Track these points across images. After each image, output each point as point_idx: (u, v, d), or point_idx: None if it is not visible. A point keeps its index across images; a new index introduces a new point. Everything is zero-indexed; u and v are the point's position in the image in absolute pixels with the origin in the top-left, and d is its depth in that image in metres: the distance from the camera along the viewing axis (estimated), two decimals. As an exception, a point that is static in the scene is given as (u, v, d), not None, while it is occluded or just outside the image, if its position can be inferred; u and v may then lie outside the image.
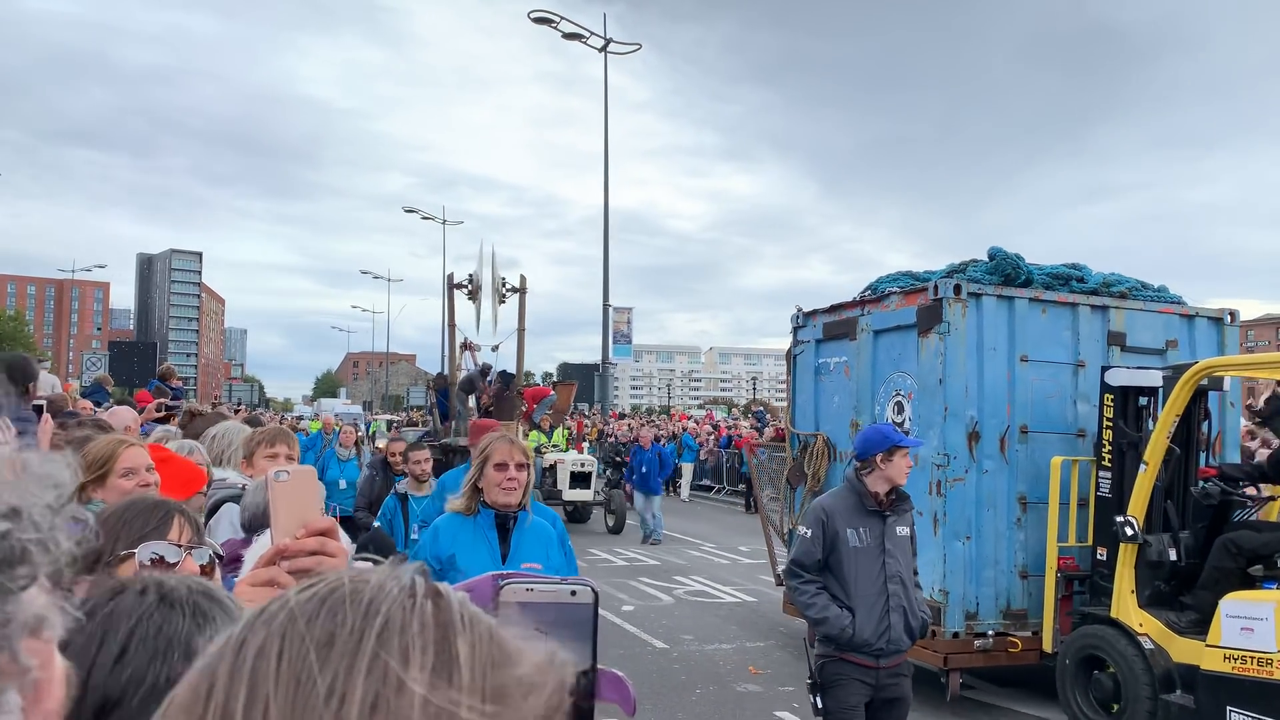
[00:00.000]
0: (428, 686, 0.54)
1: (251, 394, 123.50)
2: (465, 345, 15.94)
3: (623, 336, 46.70)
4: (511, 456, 3.94)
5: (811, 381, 9.29)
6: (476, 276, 15.56)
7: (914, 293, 7.99)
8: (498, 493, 3.92)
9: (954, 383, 7.51)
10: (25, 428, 4.42)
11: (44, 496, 0.65)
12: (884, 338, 8.31)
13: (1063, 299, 7.92)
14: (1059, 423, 7.88)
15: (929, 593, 7.52)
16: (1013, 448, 7.69)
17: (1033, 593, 7.63)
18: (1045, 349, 7.85)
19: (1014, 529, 7.67)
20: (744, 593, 12.33)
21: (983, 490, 7.58)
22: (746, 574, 13.82)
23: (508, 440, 4.02)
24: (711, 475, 27.64)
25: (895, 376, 8.14)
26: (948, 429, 7.49)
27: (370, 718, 0.52)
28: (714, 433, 30.03)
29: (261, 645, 0.56)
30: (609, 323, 27.90)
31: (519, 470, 3.95)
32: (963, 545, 7.45)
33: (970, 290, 7.59)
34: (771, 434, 25.19)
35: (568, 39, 26.51)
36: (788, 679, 8.45)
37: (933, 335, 7.63)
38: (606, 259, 26.62)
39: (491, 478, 3.92)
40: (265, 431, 4.51)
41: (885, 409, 8.22)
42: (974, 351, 7.62)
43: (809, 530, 5.10)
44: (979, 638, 7.42)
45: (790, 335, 9.63)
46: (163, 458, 3.52)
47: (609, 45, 26.80)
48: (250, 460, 4.23)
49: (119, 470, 3.14)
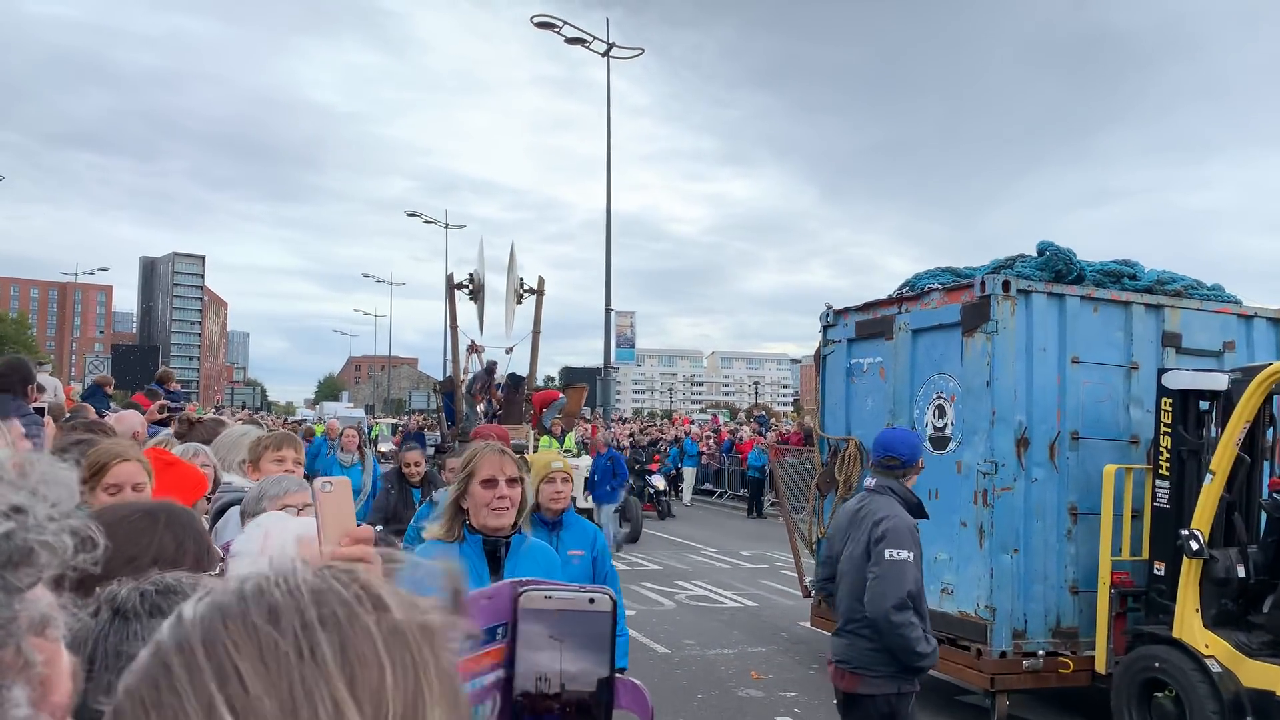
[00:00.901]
0: (381, 616, 0.61)
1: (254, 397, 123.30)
2: (472, 348, 15.49)
3: (625, 340, 46.41)
4: (501, 470, 3.31)
5: (843, 383, 8.83)
6: (477, 276, 15.12)
7: (957, 289, 7.54)
8: (486, 514, 3.29)
9: (1002, 385, 7.05)
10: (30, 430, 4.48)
11: (49, 499, 0.68)
12: (924, 337, 7.85)
13: (1115, 297, 7.47)
14: (1111, 428, 7.42)
15: (974, 609, 7.08)
16: (1063, 455, 7.23)
17: (1084, 609, 7.16)
18: (1097, 350, 7.39)
19: (1064, 541, 7.21)
20: (746, 598, 12.21)
21: (1031, 500, 7.12)
22: (748, 579, 13.70)
23: (496, 451, 3.42)
24: (713, 480, 27.53)
25: (936, 378, 7.68)
26: (996, 434, 7.03)
27: (343, 657, 0.58)
28: (715, 436, 29.87)
29: (206, 633, 0.59)
30: (611, 326, 27.58)
31: (510, 486, 3.32)
32: (1010, 559, 6.99)
33: (1019, 287, 7.14)
34: (774, 438, 24.98)
35: (571, 44, 26.30)
36: (789, 684, 8.39)
37: (979, 335, 7.17)
38: (609, 263, 26.32)
39: (478, 496, 3.30)
40: (272, 436, 4.51)
41: (925, 412, 7.77)
42: (1023, 352, 7.17)
43: (910, 553, 4.51)
44: (1028, 657, 6.95)
45: (819, 335, 9.16)
46: (167, 462, 3.55)
47: (612, 50, 26.59)
48: (257, 464, 4.22)
49: (105, 484, 3.12)
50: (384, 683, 0.59)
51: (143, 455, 3.42)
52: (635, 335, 52.84)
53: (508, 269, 14.72)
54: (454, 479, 3.40)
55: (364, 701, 0.58)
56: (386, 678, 0.59)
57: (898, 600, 4.36)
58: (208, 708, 0.56)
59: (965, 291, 7.39)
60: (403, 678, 0.60)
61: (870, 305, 8.57)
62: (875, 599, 4.42)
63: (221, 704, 0.56)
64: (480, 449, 3.41)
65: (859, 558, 4.64)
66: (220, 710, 0.56)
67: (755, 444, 24.53)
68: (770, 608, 11.57)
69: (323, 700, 0.57)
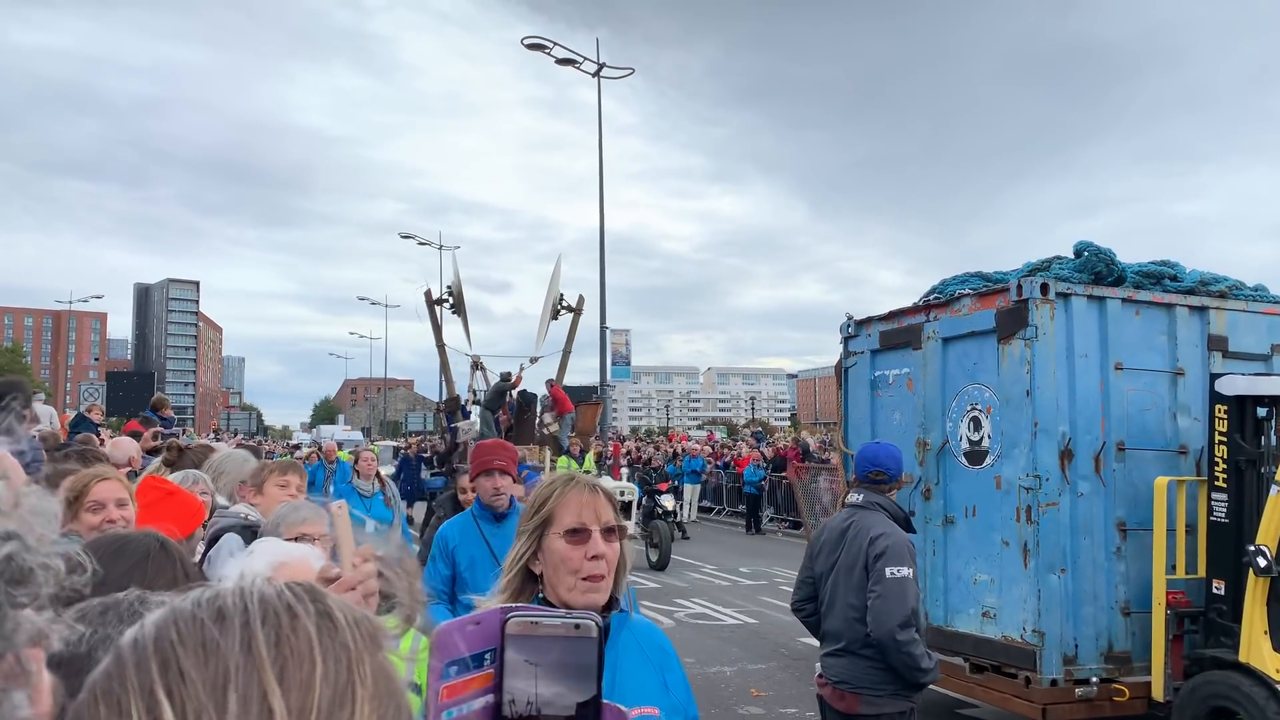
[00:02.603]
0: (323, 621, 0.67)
1: (250, 422, 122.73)
2: (476, 364, 15.06)
3: (621, 358, 46.24)
4: (596, 515, 2.09)
5: (867, 397, 8.41)
6: (455, 289, 14.73)
7: (990, 294, 7.13)
8: (572, 587, 2.05)
9: (1043, 394, 6.63)
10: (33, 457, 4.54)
11: (39, 526, 0.75)
12: (955, 346, 7.43)
13: (1158, 299, 7.06)
14: (1157, 438, 7.00)
15: (1020, 633, 6.64)
16: (1109, 467, 6.80)
17: (1136, 632, 6.72)
18: (1140, 356, 6.98)
19: (1113, 559, 6.77)
20: (745, 615, 12.15)
21: (1078, 516, 6.69)
22: (748, 595, 13.63)
23: (584, 487, 2.16)
24: (712, 496, 27.54)
25: (970, 389, 7.26)
26: (1038, 447, 6.61)
27: (276, 651, 0.64)
28: (712, 453, 30.03)
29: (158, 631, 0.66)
30: (607, 344, 27.42)
31: (608, 540, 2.09)
32: (1058, 579, 6.55)
33: (1058, 290, 6.73)
34: (771, 453, 24.79)
35: (561, 64, 26.25)
36: (789, 701, 8.26)
37: (1016, 341, 6.76)
38: (603, 281, 26.16)
39: (560, 556, 2.06)
40: (277, 463, 4.64)
41: (959, 425, 7.34)
42: (1063, 359, 6.75)
43: (910, 570, 4.39)
44: (1080, 685, 6.50)
45: (841, 347, 8.75)
46: (168, 491, 3.58)
47: (602, 70, 26.55)
48: (260, 489, 4.29)
49: (86, 504, 3.14)
50: (314, 676, 0.64)
51: (120, 475, 3.48)
52: (631, 353, 52.48)
53: (550, 282, 14.33)
54: (523, 525, 2.17)
55: (291, 690, 0.63)
56: (317, 671, 0.65)
57: (903, 618, 4.24)
58: (148, 693, 0.63)
59: (1000, 296, 6.99)
60: (334, 672, 0.65)
61: (895, 314, 8.15)
62: (880, 618, 4.28)
63: (160, 689, 0.62)
64: (559, 484, 2.18)
65: (856, 576, 4.48)
66: (158, 694, 0.62)
67: (752, 460, 24.49)
68: (770, 624, 11.44)
69: (252, 686, 0.62)
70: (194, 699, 0.62)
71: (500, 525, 4.50)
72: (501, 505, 4.53)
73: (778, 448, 26.51)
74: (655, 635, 2.27)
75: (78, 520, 3.09)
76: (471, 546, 4.44)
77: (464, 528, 4.56)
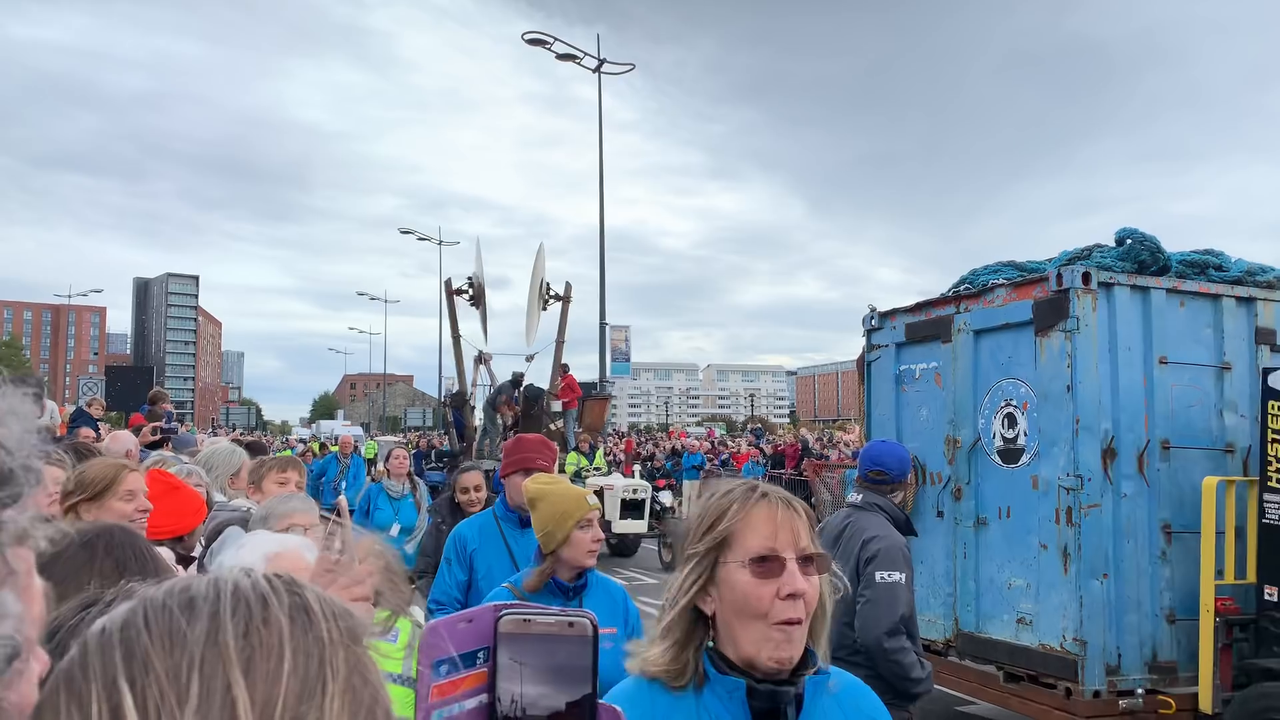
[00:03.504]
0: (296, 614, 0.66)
1: (249, 417, 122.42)
2: (480, 358, 14.65)
3: (621, 354, 46.15)
4: (794, 538, 1.61)
5: (891, 392, 8.05)
6: (476, 280, 14.31)
7: (1027, 284, 6.77)
8: (761, 637, 1.60)
9: (1085, 390, 6.28)
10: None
11: (17, 427, 0.73)
12: (988, 338, 7.07)
13: (1204, 290, 6.70)
14: (1203, 436, 6.64)
15: (1059, 642, 6.30)
16: (1153, 467, 6.45)
17: (1182, 640, 6.37)
18: (1184, 349, 6.62)
19: (1157, 564, 6.42)
20: None
21: (1120, 518, 6.33)
22: None
23: (776, 501, 1.64)
24: None
25: (1004, 384, 6.91)
26: (1080, 445, 6.25)
27: (244, 642, 0.63)
28: (711, 449, 30.20)
29: (125, 619, 0.65)
30: (606, 341, 27.26)
31: (807, 570, 1.60)
32: (1100, 585, 6.20)
33: (1100, 279, 6.37)
34: (770, 450, 24.62)
35: (561, 60, 26.09)
36: None
37: (1055, 333, 6.40)
38: (603, 277, 26.00)
39: (743, 594, 1.59)
40: (276, 459, 4.62)
41: (992, 422, 6.99)
42: (1105, 353, 6.40)
43: (902, 575, 4.14)
44: (1124, 696, 6.16)
45: (863, 339, 8.39)
46: (172, 485, 3.59)
47: (603, 65, 26.32)
48: (259, 486, 4.26)
49: (121, 493, 3.14)
50: (281, 668, 0.63)
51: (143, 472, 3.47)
52: (630, 349, 52.27)
53: (533, 272, 13.87)
54: (690, 546, 1.69)
55: (257, 682, 0.62)
56: (285, 664, 0.63)
57: (890, 625, 4.01)
58: (110, 682, 0.61)
59: (1037, 286, 6.63)
60: (304, 665, 0.64)
61: (922, 305, 7.79)
62: (867, 624, 4.07)
63: (122, 678, 0.61)
64: (739, 494, 1.65)
65: (847, 579, 4.21)
66: (120, 683, 0.61)
67: (750, 457, 24.37)
68: None
69: (215, 677, 0.61)
70: (155, 688, 0.61)
71: (525, 530, 4.09)
72: None
73: (777, 445, 26.45)
74: (866, 701, 1.76)
75: (105, 508, 3.08)
76: (491, 551, 4.04)
77: (484, 529, 4.15)
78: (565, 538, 3.16)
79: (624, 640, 3.15)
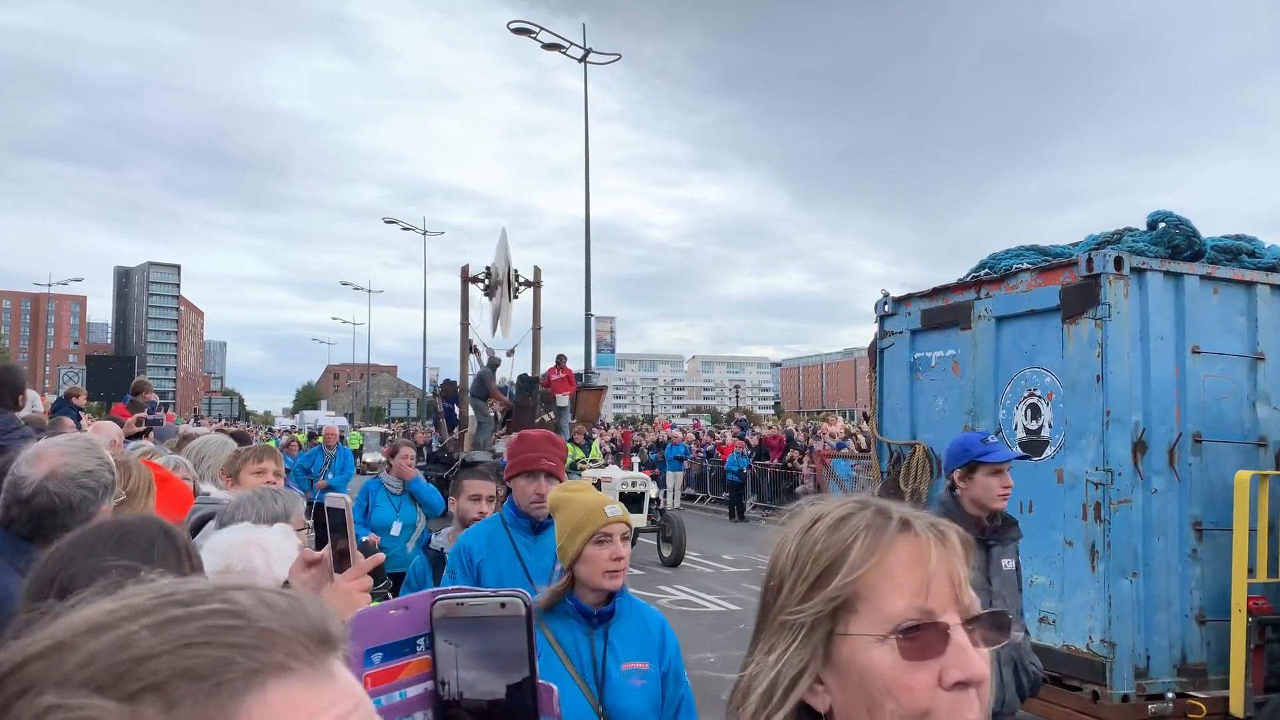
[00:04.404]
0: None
1: (231, 407, 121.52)
2: (474, 349, 14.25)
3: (606, 345, 46.06)
4: (954, 595, 1.01)
5: (905, 380, 7.76)
6: (495, 271, 13.88)
7: (1053, 269, 6.48)
8: None
9: (1117, 380, 6.00)
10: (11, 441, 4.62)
11: None
12: (1011, 325, 6.79)
13: (1238, 276, 6.44)
14: (1235, 429, 6.38)
15: (1085, 643, 6.02)
16: (1184, 461, 6.18)
17: (1211, 642, 6.12)
18: (1217, 338, 6.36)
19: (1187, 562, 6.16)
20: (729, 601, 12.17)
21: (1151, 514, 6.07)
22: (731, 582, 13.69)
23: (926, 533, 1.04)
24: (695, 484, 27.74)
25: (1027, 373, 6.62)
26: (1110, 438, 5.97)
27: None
28: (696, 440, 30.32)
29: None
30: (591, 332, 26.99)
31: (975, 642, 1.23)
32: (1130, 584, 5.93)
33: (1133, 265, 6.09)
34: (756, 441, 24.54)
35: (547, 49, 25.68)
36: None
37: (1084, 321, 6.12)
38: (589, 267, 25.72)
39: (892, 690, 0.98)
40: (252, 449, 4.42)
41: (1014, 412, 6.71)
42: (1137, 341, 6.12)
43: None
44: (1154, 700, 5.89)
45: (876, 325, 8.10)
46: (161, 478, 3.54)
47: (589, 55, 26.00)
48: (236, 477, 4.15)
49: None
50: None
51: None
52: (615, 340, 52.04)
53: (496, 258, 13.39)
54: (785, 610, 1.09)
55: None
56: None
57: None
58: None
59: (1065, 271, 6.34)
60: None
61: (940, 291, 7.50)
62: None
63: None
64: (862, 521, 1.08)
65: None
66: None
67: (736, 448, 24.75)
68: (753, 611, 10.95)
69: None
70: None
71: (537, 538, 3.74)
72: (542, 514, 3.71)
73: (762, 436, 26.40)
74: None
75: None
76: (500, 561, 3.64)
77: (491, 537, 3.75)
78: (578, 554, 2.75)
79: (658, 678, 2.81)
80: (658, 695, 2.79)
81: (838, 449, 20.37)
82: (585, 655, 2.68)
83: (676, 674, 2.88)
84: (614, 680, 2.68)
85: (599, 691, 2.66)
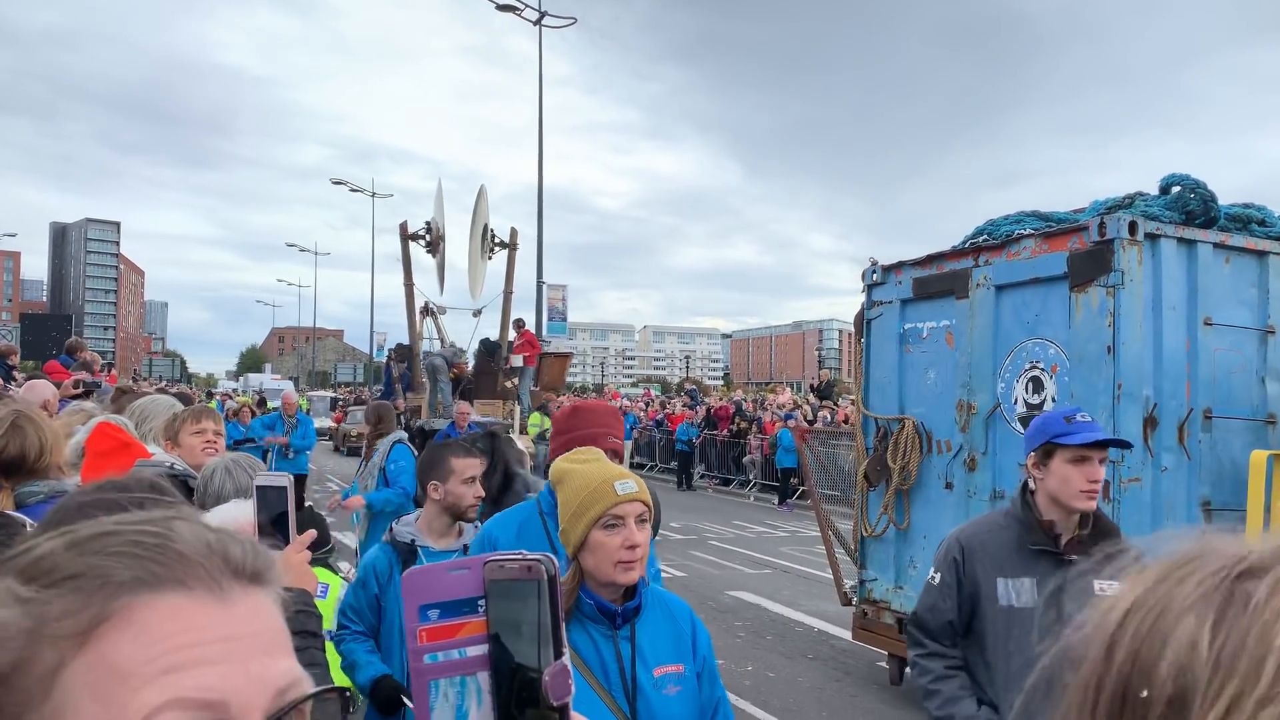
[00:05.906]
0: None
1: (173, 369, 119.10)
2: (426, 310, 13.69)
3: (558, 314, 45.62)
4: None
5: (894, 352, 7.40)
6: (435, 225, 13.31)
7: (1060, 235, 6.13)
8: None
9: (1129, 351, 5.67)
10: None
11: None
12: (1011, 294, 6.44)
13: (1251, 245, 6.14)
14: (1244, 405, 6.11)
15: (1088, 628, 5.72)
16: (1194, 438, 5.89)
17: (1217, 626, 5.86)
18: (1228, 310, 6.06)
19: (1194, 544, 5.88)
20: (675, 569, 12.11)
21: (1160, 494, 5.78)
22: (678, 550, 13.68)
23: None
24: (645, 453, 27.74)
25: (1030, 344, 6.28)
26: (1120, 413, 5.65)
27: None
28: (646, 410, 30.48)
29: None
30: (543, 300, 26.58)
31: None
32: (1137, 567, 5.64)
33: (1147, 230, 5.76)
34: (704, 411, 24.47)
35: (501, 10, 25.04)
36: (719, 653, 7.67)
37: (1094, 289, 5.78)
38: (540, 235, 25.23)
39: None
40: (190, 410, 4.31)
41: (1014, 386, 6.38)
42: (1149, 312, 5.80)
43: (938, 575, 3.34)
44: (1159, 689, 5.62)
45: (863, 295, 7.71)
46: (123, 441, 3.59)
47: (543, 19, 25.40)
48: (175, 439, 4.05)
49: None
50: None
51: None
52: (567, 309, 51.61)
53: (474, 217, 12.85)
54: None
55: None
56: None
57: (908, 625, 3.46)
58: None
59: (1073, 237, 5.99)
60: None
61: (934, 258, 7.12)
62: None
63: None
64: None
65: None
66: None
67: (685, 418, 25.00)
68: (699, 579, 11.62)
69: None
70: None
71: None
72: None
73: (711, 406, 26.38)
74: None
75: None
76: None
77: (524, 525, 3.13)
78: (582, 541, 2.24)
79: (694, 680, 2.31)
80: (695, 702, 2.32)
81: (785, 419, 20.27)
82: (610, 663, 2.21)
83: (711, 674, 2.41)
84: (645, 691, 2.21)
85: (630, 707, 2.19)
